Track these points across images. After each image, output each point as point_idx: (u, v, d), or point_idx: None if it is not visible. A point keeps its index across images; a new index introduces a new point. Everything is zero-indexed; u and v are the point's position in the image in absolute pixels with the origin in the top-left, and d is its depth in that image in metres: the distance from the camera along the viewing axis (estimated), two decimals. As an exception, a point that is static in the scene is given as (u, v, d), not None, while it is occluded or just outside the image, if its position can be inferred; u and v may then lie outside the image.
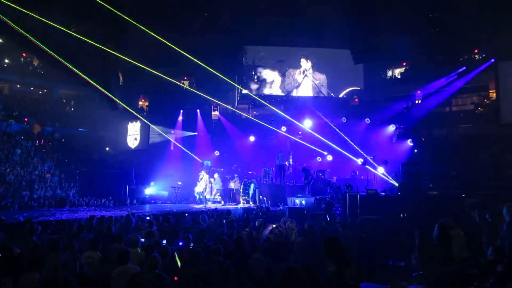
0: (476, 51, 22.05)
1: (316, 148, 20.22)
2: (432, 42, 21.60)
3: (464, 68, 20.76)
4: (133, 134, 25.33)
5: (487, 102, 21.62)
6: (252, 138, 22.20)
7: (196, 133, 24.43)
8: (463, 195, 13.00)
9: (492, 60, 19.42)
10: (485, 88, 21.79)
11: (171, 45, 17.98)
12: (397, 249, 7.05)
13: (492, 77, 19.84)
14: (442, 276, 4.36)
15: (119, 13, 17.95)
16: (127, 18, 18.67)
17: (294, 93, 23.99)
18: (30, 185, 19.76)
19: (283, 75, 24.36)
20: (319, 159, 20.71)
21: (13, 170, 20.24)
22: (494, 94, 20.25)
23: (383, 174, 16.06)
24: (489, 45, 20.54)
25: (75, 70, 21.30)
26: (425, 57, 22.37)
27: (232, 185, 18.28)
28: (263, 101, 22.54)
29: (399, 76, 25.33)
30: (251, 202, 16.69)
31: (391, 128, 19.96)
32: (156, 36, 17.92)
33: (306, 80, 23.81)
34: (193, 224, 9.54)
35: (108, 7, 16.52)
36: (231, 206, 16.32)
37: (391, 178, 15.81)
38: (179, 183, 19.92)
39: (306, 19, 21.29)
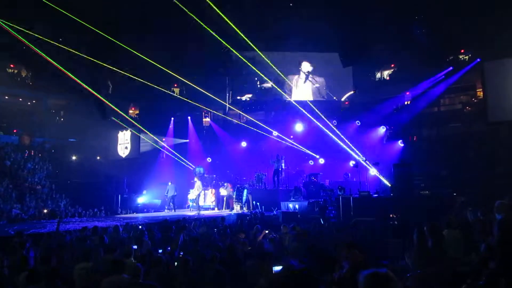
0: (462, 51, 22.36)
1: (308, 151, 20.27)
2: (418, 43, 21.85)
3: (451, 68, 21.02)
4: (123, 143, 25.15)
5: (475, 101, 21.90)
6: (244, 144, 22.18)
7: (187, 140, 24.34)
8: (454, 194, 13.13)
9: (478, 59, 19.70)
10: (472, 87, 22.08)
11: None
12: (391, 249, 7.07)
13: (478, 76, 20.10)
14: (435, 275, 4.38)
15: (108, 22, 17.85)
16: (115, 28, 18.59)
17: (290, 98, 24.01)
18: (21, 197, 19.51)
19: (273, 79, 24.36)
20: (311, 162, 20.77)
21: (3, 182, 19.97)
22: (481, 93, 20.52)
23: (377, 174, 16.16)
24: (474, 45, 20.84)
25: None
26: (413, 58, 22.62)
27: (223, 191, 18.21)
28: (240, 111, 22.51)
29: (387, 78, 25.54)
30: (244, 208, 16.65)
31: (382, 129, 20.10)
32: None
33: (301, 84, 23.87)
34: (187, 231, 9.49)
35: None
36: (224, 212, 16.27)
37: (384, 178, 15.91)
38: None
39: (294, 23, 21.40)
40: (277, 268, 4.11)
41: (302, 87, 23.86)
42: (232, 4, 18.14)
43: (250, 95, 24.66)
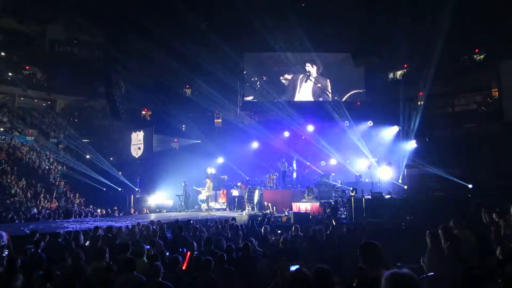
0: (476, 50, 22.02)
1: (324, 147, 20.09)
2: (432, 43, 21.61)
3: (465, 68, 20.72)
4: (136, 144, 25.40)
5: (490, 101, 21.53)
6: (255, 144, 22.19)
7: (199, 141, 24.46)
8: (469, 195, 12.92)
9: (493, 59, 19.38)
10: (487, 87, 21.73)
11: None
12: (404, 251, 6.98)
13: (493, 76, 19.78)
14: (449, 278, 4.33)
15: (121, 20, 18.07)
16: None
17: (296, 98, 23.96)
18: (36, 197, 19.84)
19: (284, 80, 24.34)
20: (323, 163, 20.65)
21: (19, 182, 20.33)
22: (497, 93, 20.16)
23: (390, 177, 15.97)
24: (489, 45, 20.51)
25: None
26: (426, 58, 22.35)
27: (235, 192, 18.26)
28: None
29: (400, 78, 25.29)
30: (256, 209, 16.64)
31: (394, 129, 19.91)
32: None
33: (309, 84, 23.79)
34: (199, 232, 9.54)
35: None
36: (236, 213, 16.28)
37: (397, 179, 15.74)
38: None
39: (306, 23, 21.36)
40: (293, 268, 4.13)
41: (305, 88, 23.80)
42: (243, 5, 18.16)
43: (255, 97, 24.65)
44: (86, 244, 8.31)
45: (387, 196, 13.49)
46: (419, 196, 12.75)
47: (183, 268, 6.15)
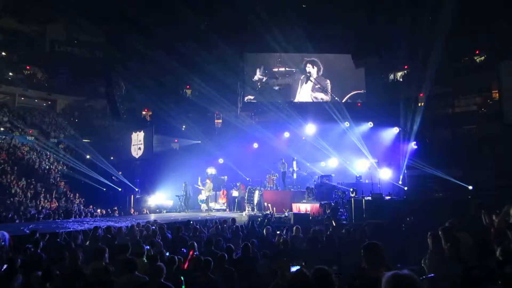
0: (477, 52, 22.02)
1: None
2: (432, 43, 21.61)
3: (466, 68, 20.71)
4: (137, 144, 25.39)
5: (490, 102, 21.54)
6: (255, 145, 22.17)
7: (199, 141, 24.44)
8: (469, 197, 12.92)
9: (493, 60, 19.38)
10: (488, 88, 21.74)
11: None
12: (404, 253, 6.98)
13: (494, 77, 19.79)
14: (449, 278, 4.32)
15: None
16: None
17: (296, 99, 23.96)
18: (36, 196, 19.84)
19: (285, 81, 24.32)
20: (323, 164, 20.63)
21: (19, 182, 20.33)
22: (497, 94, 20.17)
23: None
24: (489, 46, 20.50)
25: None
26: (426, 59, 22.35)
27: (235, 193, 18.26)
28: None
29: (401, 79, 25.29)
30: (256, 209, 16.63)
31: (395, 130, 19.90)
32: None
33: (309, 85, 23.77)
34: (199, 232, 9.54)
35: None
36: (235, 214, 16.27)
37: (397, 180, 15.76)
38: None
39: (306, 23, 21.35)
40: (293, 268, 4.14)
41: (305, 88, 23.78)
42: (243, 5, 18.17)
43: (255, 97, 24.62)
44: (87, 244, 8.30)
45: (387, 197, 13.50)
46: (419, 197, 12.74)
47: (185, 268, 6.17)
